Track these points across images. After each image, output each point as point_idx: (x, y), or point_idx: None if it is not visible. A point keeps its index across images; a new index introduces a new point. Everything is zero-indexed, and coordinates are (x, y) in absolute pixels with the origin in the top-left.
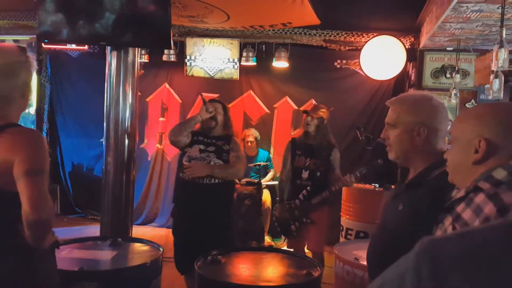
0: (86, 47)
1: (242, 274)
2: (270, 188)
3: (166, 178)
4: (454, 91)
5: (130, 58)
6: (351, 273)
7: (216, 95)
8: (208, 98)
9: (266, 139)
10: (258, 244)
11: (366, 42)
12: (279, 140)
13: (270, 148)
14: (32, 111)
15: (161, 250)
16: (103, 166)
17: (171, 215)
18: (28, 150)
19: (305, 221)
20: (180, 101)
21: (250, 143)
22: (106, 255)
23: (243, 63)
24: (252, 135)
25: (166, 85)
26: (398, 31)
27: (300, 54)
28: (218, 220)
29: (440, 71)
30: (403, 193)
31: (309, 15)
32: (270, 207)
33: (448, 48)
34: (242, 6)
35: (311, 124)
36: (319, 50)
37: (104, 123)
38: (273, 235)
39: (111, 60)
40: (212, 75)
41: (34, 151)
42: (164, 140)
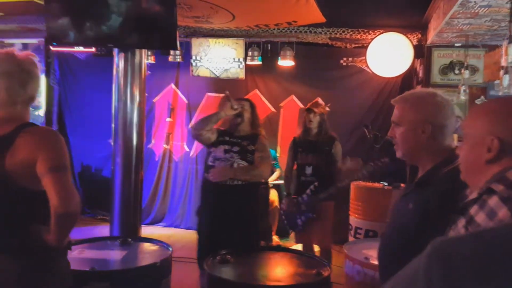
0: (94, 49)
1: (252, 274)
2: (276, 187)
3: (173, 178)
4: (463, 88)
5: (137, 59)
6: (361, 272)
7: (222, 95)
8: (215, 98)
9: (272, 138)
10: (266, 243)
11: (372, 39)
12: (286, 139)
13: (276, 147)
14: (42, 113)
15: (170, 250)
16: (112, 167)
17: (196, 213)
18: (49, 148)
19: (311, 215)
20: (186, 101)
21: None
22: (116, 255)
23: (249, 62)
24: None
25: (173, 85)
26: (404, 28)
27: (306, 53)
28: (241, 220)
29: (449, 68)
30: (412, 191)
31: (314, 13)
32: (278, 207)
33: (456, 44)
34: (247, 6)
35: (313, 120)
36: (325, 48)
37: (112, 124)
38: (281, 235)
39: (118, 62)
40: (218, 75)
41: (55, 148)
42: (171, 140)
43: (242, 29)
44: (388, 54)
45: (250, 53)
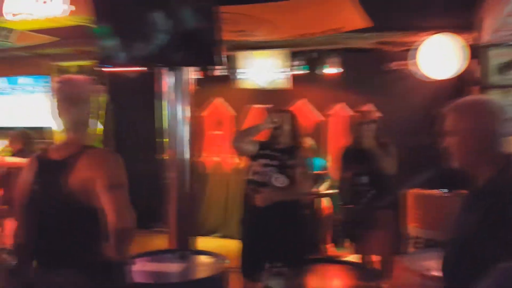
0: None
1: (309, 286)
2: (328, 196)
3: (225, 189)
4: None
5: (184, 75)
6: (421, 285)
7: (268, 106)
8: (261, 109)
9: (322, 147)
10: (320, 254)
11: (422, 42)
12: (335, 147)
13: (326, 156)
14: (99, 131)
15: (227, 262)
16: (166, 181)
17: (240, 222)
18: (106, 167)
19: (370, 225)
20: (233, 113)
21: None
22: (175, 267)
23: (294, 72)
24: (306, 143)
25: (220, 99)
26: (456, 28)
27: (353, 58)
28: (284, 231)
29: (507, 67)
30: (474, 200)
31: (361, 18)
32: (331, 216)
33: None
34: (291, 17)
35: (369, 130)
36: (373, 53)
37: (164, 139)
38: (336, 245)
39: (167, 79)
40: (263, 86)
41: (112, 167)
42: (221, 152)
43: (286, 39)
44: (440, 56)
45: (295, 62)
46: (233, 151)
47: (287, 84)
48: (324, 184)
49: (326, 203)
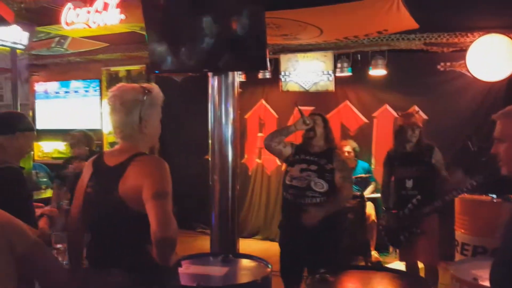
0: None
1: None
2: (373, 200)
3: (266, 191)
4: None
5: (229, 79)
6: None
7: (311, 108)
8: (305, 111)
9: (366, 149)
10: (364, 260)
11: (471, 42)
12: (380, 150)
13: (371, 159)
14: None
15: (270, 267)
16: (210, 182)
17: (278, 227)
18: (153, 175)
19: (415, 231)
20: (276, 116)
21: (347, 153)
22: (218, 271)
23: (338, 74)
24: (349, 145)
25: (263, 101)
26: (507, 28)
27: (399, 60)
28: (322, 237)
29: None
30: None
31: (406, 20)
32: (375, 220)
33: None
34: (335, 20)
35: (413, 136)
36: (420, 54)
37: (209, 141)
38: (380, 250)
39: (213, 83)
40: (307, 88)
41: (158, 176)
42: (263, 154)
43: (330, 42)
44: (490, 57)
45: (339, 64)
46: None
47: (331, 87)
48: (369, 187)
49: (371, 207)
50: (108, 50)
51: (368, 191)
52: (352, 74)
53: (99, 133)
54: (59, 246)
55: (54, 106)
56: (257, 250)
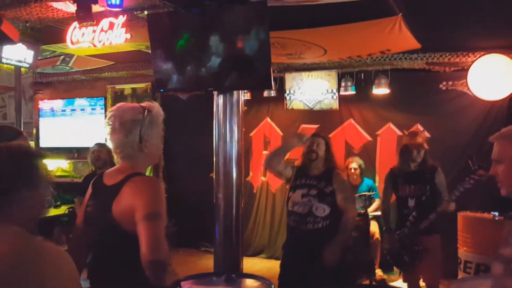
0: None
1: None
2: (377, 218)
3: (271, 209)
4: None
5: (234, 97)
6: None
7: (316, 126)
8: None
9: (370, 167)
10: (369, 278)
11: (473, 62)
12: (384, 167)
13: (375, 176)
14: None
15: (272, 287)
16: (214, 201)
17: (282, 247)
18: (146, 196)
19: (416, 249)
20: (281, 134)
21: (354, 170)
22: None
23: (342, 92)
24: (355, 162)
25: (268, 119)
26: (507, 48)
27: (402, 79)
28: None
29: None
30: None
31: (408, 41)
32: (380, 238)
33: None
34: (339, 40)
35: (418, 156)
36: (422, 73)
37: (214, 159)
38: (384, 269)
39: (218, 101)
40: (311, 107)
41: (151, 197)
42: (268, 172)
43: (334, 61)
44: (491, 76)
45: (343, 83)
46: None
47: (335, 105)
48: (374, 204)
49: (375, 225)
50: (113, 68)
51: (373, 208)
52: (355, 92)
53: None
54: None
55: (59, 124)
56: (261, 269)
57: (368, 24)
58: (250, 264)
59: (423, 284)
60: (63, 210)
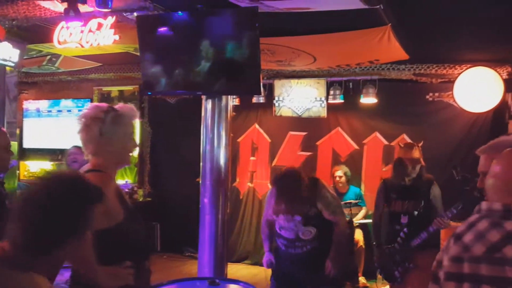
0: None
1: None
2: (362, 226)
3: (257, 215)
4: None
5: (223, 102)
6: None
7: (304, 133)
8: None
9: (356, 176)
10: (352, 286)
11: (459, 74)
12: (370, 176)
13: (360, 184)
14: (135, 153)
15: None
16: (200, 206)
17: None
18: None
19: (407, 265)
20: (269, 140)
21: (339, 178)
22: None
23: (330, 101)
24: (341, 170)
25: (256, 125)
26: (493, 62)
27: (389, 89)
28: (312, 266)
29: None
30: None
31: (397, 51)
32: (363, 246)
33: None
34: (328, 49)
35: (413, 171)
36: (409, 84)
37: (201, 164)
38: (367, 276)
39: (207, 105)
40: (300, 114)
41: None
42: (255, 178)
43: (323, 69)
44: (476, 89)
45: (332, 91)
46: (266, 177)
47: (323, 113)
48: (360, 213)
49: (359, 233)
50: (100, 69)
51: (359, 216)
52: (344, 101)
53: None
54: None
55: (44, 125)
56: (246, 275)
57: (358, 34)
58: (235, 270)
59: None
60: None
